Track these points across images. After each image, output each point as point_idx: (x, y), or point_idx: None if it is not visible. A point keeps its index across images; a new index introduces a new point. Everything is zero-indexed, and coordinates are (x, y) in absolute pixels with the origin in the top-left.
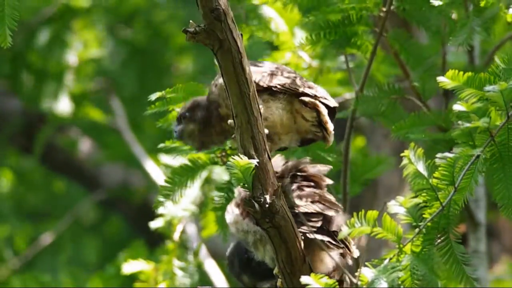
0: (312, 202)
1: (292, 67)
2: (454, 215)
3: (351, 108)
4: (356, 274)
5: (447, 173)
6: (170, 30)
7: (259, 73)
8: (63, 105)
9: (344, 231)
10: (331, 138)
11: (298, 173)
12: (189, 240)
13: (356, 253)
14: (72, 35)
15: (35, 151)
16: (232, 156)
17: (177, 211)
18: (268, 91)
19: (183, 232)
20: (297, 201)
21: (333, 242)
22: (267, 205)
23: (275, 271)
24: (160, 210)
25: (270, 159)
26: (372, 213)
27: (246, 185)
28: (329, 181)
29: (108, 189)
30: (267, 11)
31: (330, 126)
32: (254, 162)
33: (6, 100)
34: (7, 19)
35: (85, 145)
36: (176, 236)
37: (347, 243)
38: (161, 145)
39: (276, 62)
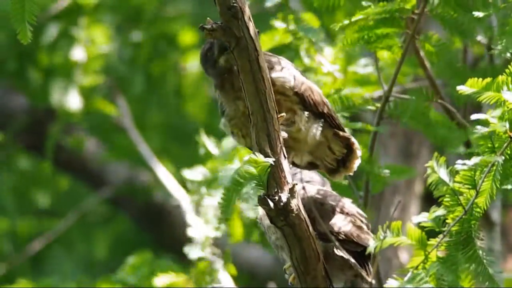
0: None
1: (313, 72)
2: (477, 219)
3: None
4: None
5: (468, 177)
6: (176, 29)
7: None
8: (73, 100)
9: (371, 245)
10: (341, 178)
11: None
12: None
13: (371, 278)
14: (80, 31)
15: (47, 151)
16: (250, 155)
17: (208, 231)
18: (313, 112)
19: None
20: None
21: (356, 264)
22: (281, 204)
23: (286, 266)
24: (191, 232)
25: (285, 157)
26: (397, 224)
27: (261, 183)
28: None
29: (114, 187)
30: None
31: (354, 168)
32: (270, 161)
33: (11, 98)
34: (27, 15)
35: (91, 144)
36: (207, 253)
37: (367, 267)
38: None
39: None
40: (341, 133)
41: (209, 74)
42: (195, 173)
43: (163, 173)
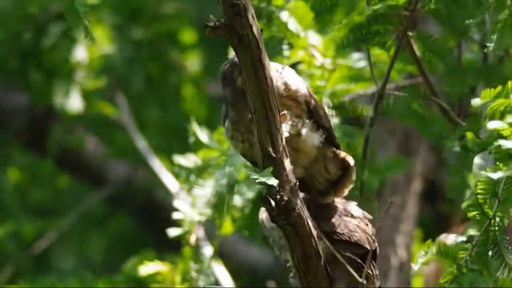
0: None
1: (305, 65)
2: (501, 227)
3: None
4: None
5: (489, 186)
6: (176, 27)
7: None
8: (74, 102)
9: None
10: (329, 200)
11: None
12: (202, 241)
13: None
14: (81, 32)
15: (50, 152)
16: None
17: (193, 215)
18: (317, 123)
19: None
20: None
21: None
22: (283, 202)
23: (290, 263)
24: (176, 215)
25: (287, 156)
26: (440, 242)
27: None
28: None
29: (114, 185)
30: (281, 11)
31: (345, 193)
32: (274, 183)
33: (12, 96)
34: (83, 15)
35: (91, 142)
36: (192, 239)
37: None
38: None
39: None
40: (339, 153)
41: (225, 90)
42: (187, 160)
43: (163, 171)
